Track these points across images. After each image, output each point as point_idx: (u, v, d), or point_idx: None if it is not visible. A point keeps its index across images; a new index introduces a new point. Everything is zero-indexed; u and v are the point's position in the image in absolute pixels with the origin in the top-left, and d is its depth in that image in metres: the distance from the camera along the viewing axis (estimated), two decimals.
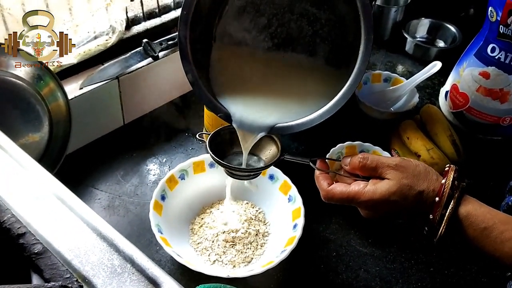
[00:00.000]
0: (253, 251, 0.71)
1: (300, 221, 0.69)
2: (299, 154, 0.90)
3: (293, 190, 0.73)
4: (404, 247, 0.75)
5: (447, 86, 1.00)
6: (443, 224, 0.53)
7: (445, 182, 0.54)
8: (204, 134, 0.65)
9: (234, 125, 0.60)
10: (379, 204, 0.55)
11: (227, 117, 0.61)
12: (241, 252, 0.70)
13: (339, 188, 0.58)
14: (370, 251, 0.74)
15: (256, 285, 0.68)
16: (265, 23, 0.58)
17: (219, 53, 0.60)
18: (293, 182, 0.75)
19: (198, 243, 0.72)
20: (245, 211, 0.75)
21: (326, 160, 0.63)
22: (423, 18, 1.24)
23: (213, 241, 0.71)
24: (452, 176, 0.55)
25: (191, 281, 0.66)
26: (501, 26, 0.83)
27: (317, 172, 0.61)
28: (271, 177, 0.76)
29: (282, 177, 0.75)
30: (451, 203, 0.53)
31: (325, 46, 0.57)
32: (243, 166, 0.62)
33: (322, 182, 0.60)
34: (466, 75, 0.93)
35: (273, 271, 0.69)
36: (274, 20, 0.58)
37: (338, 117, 0.96)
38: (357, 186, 0.57)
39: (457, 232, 0.54)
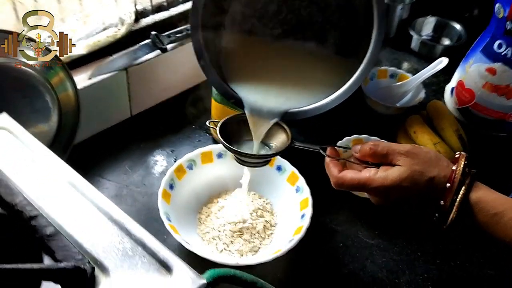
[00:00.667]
0: (261, 241, 0.71)
1: (308, 211, 0.69)
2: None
3: (301, 181, 0.74)
4: (410, 239, 0.76)
5: (453, 83, 1.01)
6: (454, 210, 0.54)
7: (456, 168, 0.55)
8: (213, 122, 0.65)
9: (246, 111, 0.60)
10: (390, 190, 0.56)
11: (239, 102, 0.61)
12: (249, 241, 0.71)
13: (349, 174, 0.58)
14: (377, 242, 0.75)
15: (264, 274, 0.68)
16: (275, 10, 0.58)
17: (230, 40, 0.60)
18: (301, 173, 0.75)
19: (205, 233, 0.72)
20: (252, 201, 0.75)
21: (336, 148, 0.63)
22: (429, 16, 1.25)
23: (219, 231, 0.71)
24: (463, 163, 0.55)
25: (199, 269, 0.66)
26: (508, 22, 0.84)
27: (327, 159, 0.61)
28: (279, 168, 0.77)
29: (289, 168, 0.76)
30: (462, 189, 0.54)
31: (335, 33, 0.57)
32: (254, 153, 0.62)
33: (332, 169, 0.60)
34: (472, 71, 0.93)
35: (280, 260, 0.69)
36: (284, 7, 0.58)
37: (345, 111, 0.97)
38: (368, 173, 0.57)
39: (468, 217, 0.54)
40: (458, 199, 0.53)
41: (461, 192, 0.54)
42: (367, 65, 0.56)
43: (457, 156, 0.57)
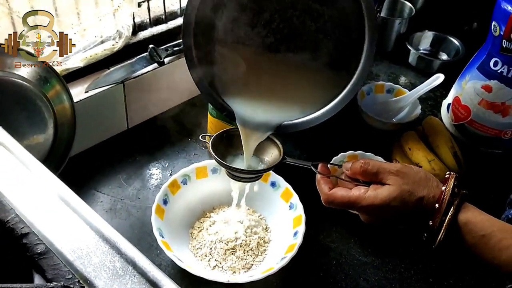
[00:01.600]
0: (253, 258, 0.71)
1: (301, 229, 0.69)
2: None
3: (295, 198, 0.74)
4: (403, 257, 0.75)
5: (449, 99, 1.01)
6: (442, 230, 0.54)
7: (445, 189, 0.55)
8: (207, 136, 0.66)
9: (238, 124, 0.61)
10: (379, 210, 0.56)
11: (232, 115, 0.61)
12: (241, 258, 0.71)
13: (340, 192, 0.58)
14: (370, 260, 0.75)
15: None
16: (267, 19, 0.57)
17: (223, 53, 0.60)
18: (294, 190, 0.75)
19: (198, 249, 0.72)
20: (246, 216, 0.75)
21: (328, 165, 0.64)
22: (426, 31, 1.26)
23: (211, 248, 0.71)
24: (452, 183, 0.55)
25: (191, 286, 0.67)
26: (504, 40, 0.84)
27: (318, 176, 0.62)
28: (273, 184, 0.77)
29: (284, 185, 0.76)
30: (451, 209, 0.54)
31: (327, 44, 0.57)
32: (245, 167, 0.63)
33: (323, 186, 0.60)
34: (468, 88, 0.93)
35: (273, 278, 0.69)
36: (276, 16, 0.57)
37: (340, 127, 0.98)
38: (358, 191, 0.57)
39: (456, 238, 0.54)
40: (446, 220, 0.54)
41: (450, 213, 0.54)
42: (358, 79, 0.56)
43: (446, 176, 0.57)
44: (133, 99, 0.89)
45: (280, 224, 0.75)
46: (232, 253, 0.71)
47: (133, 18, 0.89)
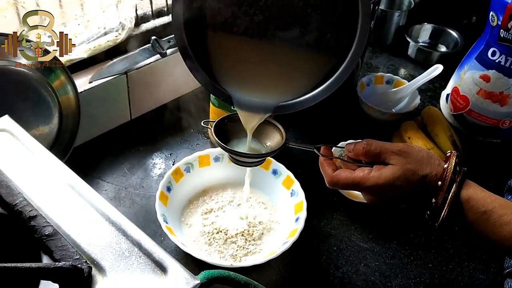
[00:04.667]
0: (255, 245, 0.72)
1: (303, 214, 0.70)
2: (302, 151, 0.91)
3: (296, 185, 0.75)
4: (404, 244, 0.77)
5: (448, 89, 1.02)
6: (445, 208, 0.55)
7: (448, 166, 0.56)
8: (210, 122, 0.66)
9: (236, 107, 0.61)
10: (383, 189, 0.57)
11: (229, 100, 0.62)
12: (243, 247, 0.72)
13: (343, 174, 0.59)
14: (370, 246, 0.76)
15: (258, 277, 0.69)
16: None
17: (214, 38, 0.60)
18: (296, 177, 0.76)
19: (200, 236, 0.73)
20: (249, 207, 0.76)
21: (331, 148, 0.64)
22: (425, 23, 1.26)
23: (214, 235, 0.72)
24: (454, 161, 0.56)
25: (195, 271, 0.67)
26: (501, 30, 0.85)
27: (321, 159, 0.62)
28: (275, 171, 0.78)
29: (285, 172, 0.77)
30: (453, 187, 0.55)
31: (317, 18, 0.56)
32: (247, 150, 0.63)
33: (326, 168, 0.61)
34: (467, 78, 0.94)
35: (275, 263, 0.70)
36: None
37: (340, 117, 0.99)
38: (361, 172, 0.58)
39: (458, 215, 0.55)
40: (449, 197, 0.54)
41: (452, 190, 0.55)
42: (352, 57, 0.55)
43: (448, 154, 0.58)
44: (136, 89, 0.90)
45: (282, 211, 0.76)
46: (234, 242, 0.72)
47: (136, 10, 0.90)
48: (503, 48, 0.86)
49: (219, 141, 0.61)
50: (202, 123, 0.67)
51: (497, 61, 0.88)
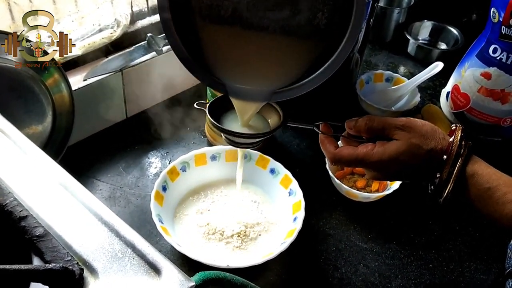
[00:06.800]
0: (252, 246, 0.71)
1: (300, 214, 0.69)
2: (300, 150, 0.90)
3: (294, 184, 0.74)
4: (403, 244, 0.76)
5: (448, 87, 1.01)
6: (450, 182, 0.53)
7: (453, 140, 0.54)
8: (201, 103, 0.64)
9: (231, 97, 0.59)
10: (388, 165, 0.55)
11: (225, 89, 0.60)
12: (239, 248, 0.70)
13: (346, 150, 0.57)
14: (370, 246, 0.75)
15: (256, 277, 0.68)
16: None
17: (205, 30, 0.58)
18: (294, 176, 0.75)
19: (197, 236, 0.72)
20: (246, 204, 0.75)
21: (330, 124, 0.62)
22: (425, 21, 1.25)
23: (211, 235, 0.71)
24: (459, 135, 0.55)
25: (190, 272, 0.66)
26: (503, 27, 0.84)
27: (321, 136, 0.60)
28: (272, 171, 0.77)
29: (283, 171, 0.76)
30: (459, 161, 0.53)
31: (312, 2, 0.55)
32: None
33: (328, 145, 0.59)
34: (467, 75, 0.93)
35: (273, 263, 0.69)
36: None
37: (339, 115, 0.97)
38: (365, 148, 0.56)
39: (462, 191, 0.54)
40: (455, 172, 0.53)
41: (458, 164, 0.53)
42: (347, 42, 0.54)
43: (453, 128, 0.56)
44: (131, 87, 0.88)
45: (280, 211, 0.75)
46: (230, 242, 0.71)
47: (131, 6, 0.88)
48: (505, 45, 0.85)
49: (214, 121, 0.59)
50: (195, 105, 0.65)
51: (498, 58, 0.87)
